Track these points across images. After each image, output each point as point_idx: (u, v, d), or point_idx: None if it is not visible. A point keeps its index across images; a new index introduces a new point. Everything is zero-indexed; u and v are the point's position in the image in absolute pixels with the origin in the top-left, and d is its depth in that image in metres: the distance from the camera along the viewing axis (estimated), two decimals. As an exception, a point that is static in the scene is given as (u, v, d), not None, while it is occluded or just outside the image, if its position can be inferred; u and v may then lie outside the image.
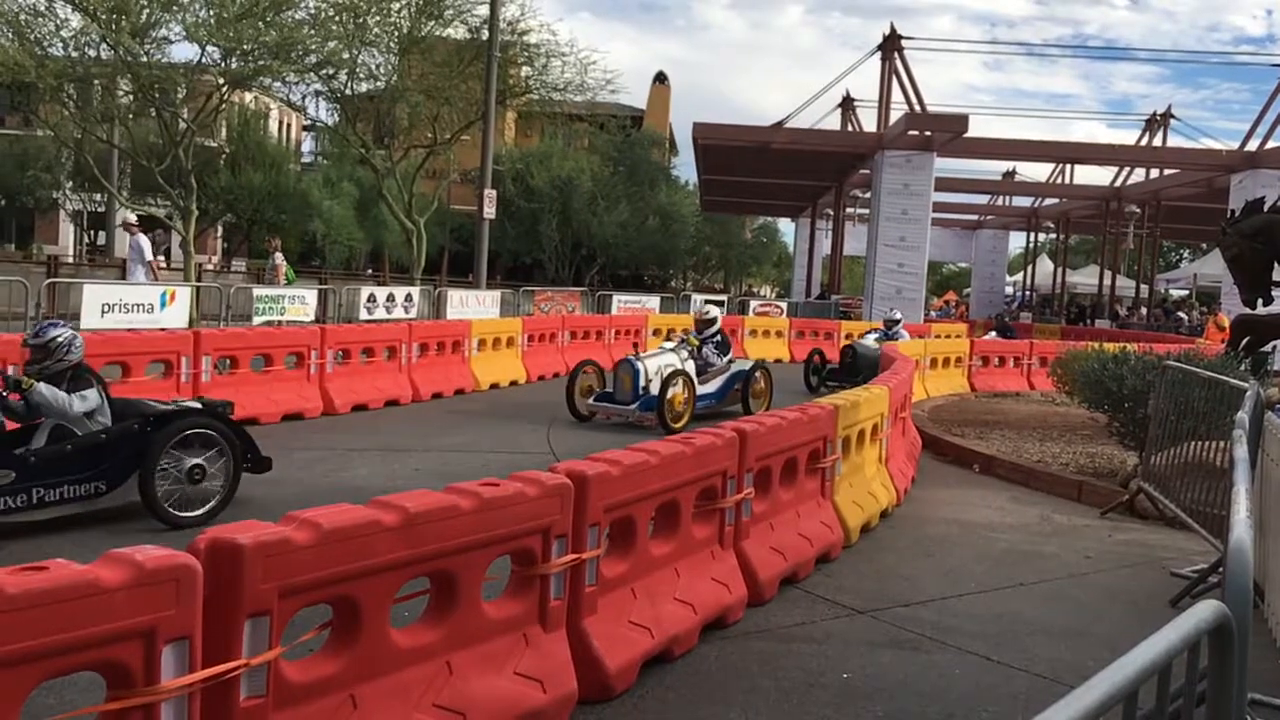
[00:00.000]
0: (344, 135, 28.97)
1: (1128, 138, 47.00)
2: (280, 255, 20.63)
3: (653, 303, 28.54)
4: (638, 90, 59.32)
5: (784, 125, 30.21)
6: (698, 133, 29.95)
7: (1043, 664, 4.97)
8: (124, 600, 2.56)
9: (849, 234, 35.96)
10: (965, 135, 26.98)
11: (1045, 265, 49.51)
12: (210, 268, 32.54)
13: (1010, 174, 42.77)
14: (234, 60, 21.20)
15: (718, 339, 13.06)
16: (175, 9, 20.27)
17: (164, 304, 15.96)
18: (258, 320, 16.98)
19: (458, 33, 25.63)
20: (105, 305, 15.04)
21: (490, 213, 24.34)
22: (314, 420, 11.11)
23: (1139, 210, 36.67)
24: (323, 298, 20.13)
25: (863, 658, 4.93)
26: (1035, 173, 41.71)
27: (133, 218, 18.81)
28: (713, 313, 13.52)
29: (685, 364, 12.24)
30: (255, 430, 10.21)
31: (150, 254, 17.49)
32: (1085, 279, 45.20)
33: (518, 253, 46.91)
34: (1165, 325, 34.10)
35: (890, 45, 30.70)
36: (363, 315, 19.87)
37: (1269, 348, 11.97)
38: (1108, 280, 39.68)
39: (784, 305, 31.92)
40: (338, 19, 22.89)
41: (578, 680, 4.06)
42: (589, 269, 47.04)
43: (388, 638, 3.39)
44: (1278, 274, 10.98)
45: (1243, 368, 10.18)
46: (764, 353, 20.88)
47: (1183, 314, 37.67)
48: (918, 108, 29.80)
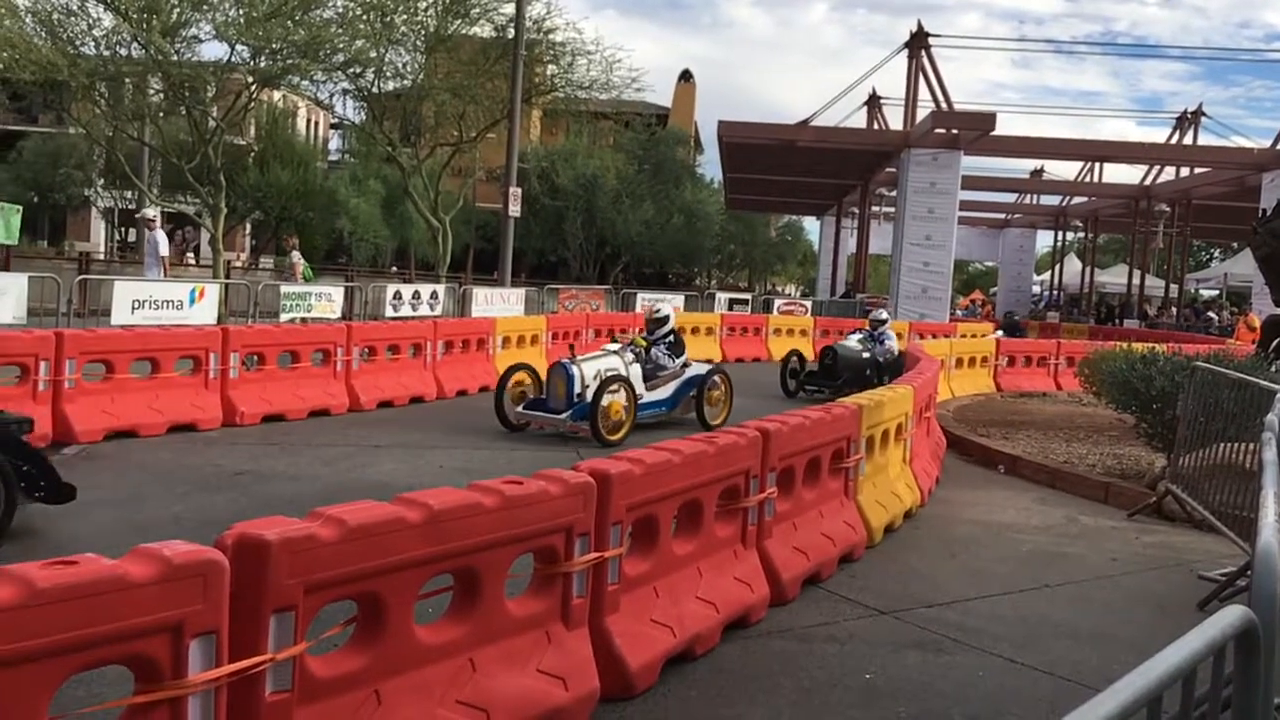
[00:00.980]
0: (371, 133, 29.14)
1: (1158, 136, 46.52)
2: (298, 254, 20.75)
3: (677, 301, 28.51)
4: (663, 88, 59.38)
5: (810, 123, 30.09)
6: (723, 130, 29.89)
7: (1067, 667, 4.94)
8: (152, 595, 2.59)
9: (874, 232, 35.78)
10: (992, 133, 26.78)
11: (1073, 264, 49.08)
12: (238, 265, 32.81)
13: (1038, 172, 42.41)
14: (263, 59, 21.39)
15: (670, 340, 11.82)
16: (205, 8, 20.46)
17: (193, 301, 16.10)
18: (284, 317, 17.11)
19: (484, 31, 25.71)
20: (135, 302, 15.19)
21: (515, 211, 24.41)
22: (340, 416, 11.19)
23: (1169, 209, 36.27)
24: (349, 295, 20.26)
25: (885, 658, 4.91)
26: (1063, 171, 41.32)
27: (150, 213, 18.85)
28: (664, 310, 12.26)
29: (630, 367, 11.04)
30: (282, 426, 10.40)
31: (165, 249, 17.35)
32: (1114, 278, 44.79)
33: (542, 250, 46.97)
34: (1195, 325, 33.77)
35: (917, 42, 30.51)
36: (388, 312, 19.98)
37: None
38: (1137, 280, 39.31)
39: (808, 304, 31.80)
40: (365, 18, 23.01)
41: (600, 678, 4.07)
42: (613, 267, 47.05)
43: (411, 634, 3.42)
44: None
45: (1273, 369, 10.07)
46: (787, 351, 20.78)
47: (1213, 314, 37.27)
48: (944, 105, 29.59)
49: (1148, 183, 37.51)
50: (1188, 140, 35.79)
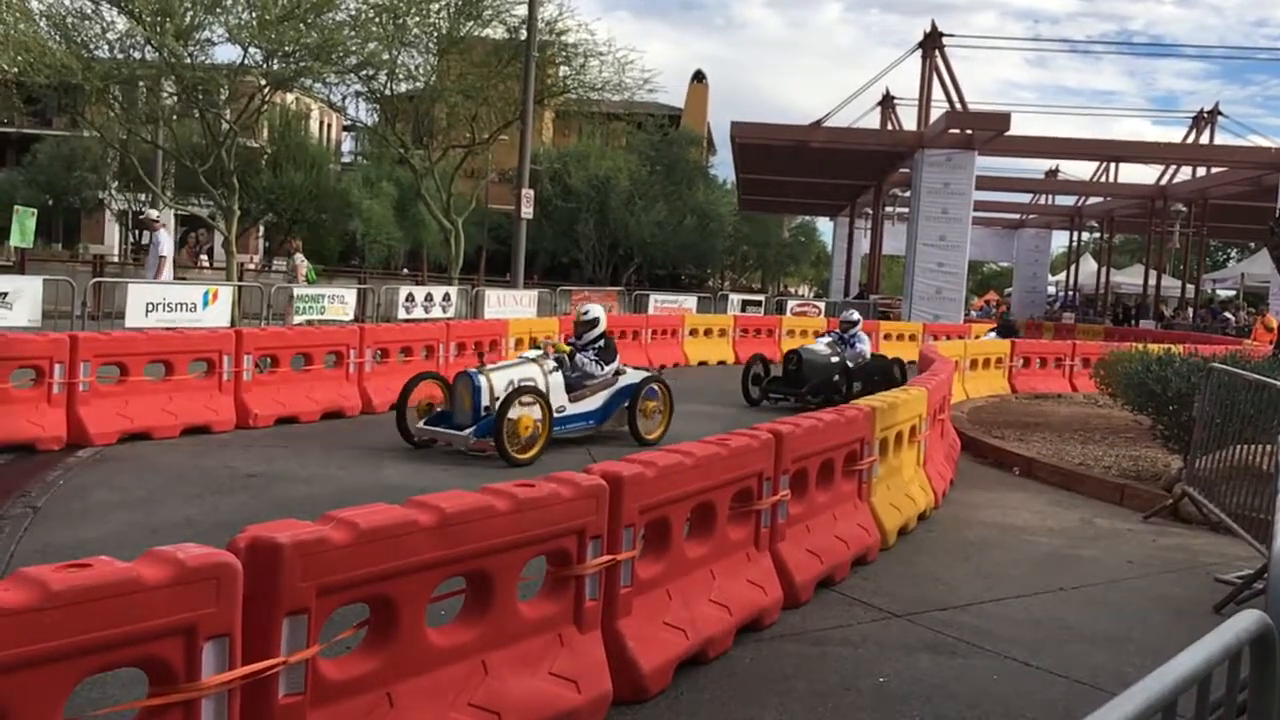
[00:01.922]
0: (383, 135, 29.18)
1: (1174, 135, 46.36)
2: (301, 255, 20.83)
3: (690, 302, 28.49)
4: (676, 89, 59.28)
5: (823, 124, 30.02)
6: (736, 131, 29.86)
7: (1082, 670, 4.91)
8: (166, 598, 2.60)
9: (888, 233, 35.68)
10: (1007, 133, 26.68)
11: (1089, 265, 48.84)
12: (252, 267, 32.96)
13: (1053, 172, 42.23)
14: (276, 62, 21.44)
15: (600, 345, 10.60)
16: (218, 11, 20.54)
17: (206, 303, 16.18)
18: (297, 320, 17.16)
19: (496, 33, 25.73)
20: (149, 304, 15.27)
21: (528, 212, 24.44)
22: (353, 418, 11.21)
23: (1185, 209, 36.07)
24: (362, 297, 20.31)
25: (899, 662, 4.89)
26: (1078, 171, 41.13)
27: (153, 213, 18.87)
28: (594, 312, 10.89)
29: (550, 376, 9.91)
30: (295, 428, 10.43)
31: (166, 250, 17.12)
32: (1130, 279, 44.53)
33: (555, 252, 47.05)
34: (1211, 326, 33.54)
35: (931, 42, 30.41)
36: (401, 315, 20.02)
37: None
38: (1153, 280, 39.10)
39: (821, 305, 31.75)
40: (378, 20, 23.06)
41: (612, 681, 4.06)
42: (626, 268, 47.09)
43: (424, 637, 3.42)
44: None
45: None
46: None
47: (1229, 314, 37.00)
48: (959, 106, 29.48)
49: (1164, 183, 37.29)
50: (1204, 139, 35.58)
